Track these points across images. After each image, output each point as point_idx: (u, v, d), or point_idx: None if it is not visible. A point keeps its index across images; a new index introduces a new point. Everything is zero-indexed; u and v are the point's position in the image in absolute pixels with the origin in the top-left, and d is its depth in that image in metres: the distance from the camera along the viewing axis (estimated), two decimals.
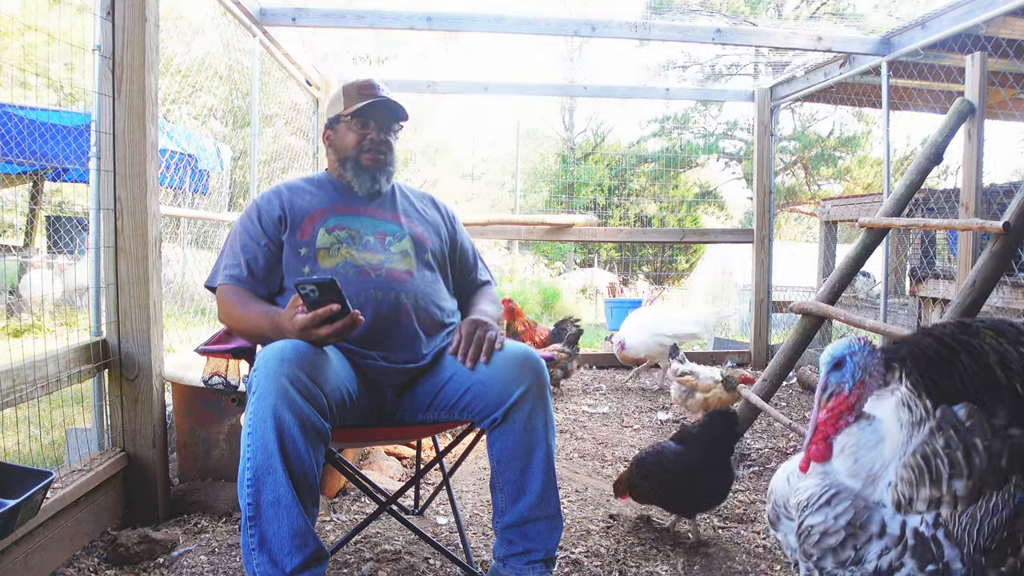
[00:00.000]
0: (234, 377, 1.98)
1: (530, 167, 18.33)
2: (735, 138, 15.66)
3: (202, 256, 4.39)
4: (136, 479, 2.10)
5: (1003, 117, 5.11)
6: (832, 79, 4.19)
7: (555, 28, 3.88)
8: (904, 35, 3.55)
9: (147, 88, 2.03)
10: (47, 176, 6.04)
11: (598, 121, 21.48)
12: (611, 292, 10.91)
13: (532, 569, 1.58)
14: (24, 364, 1.74)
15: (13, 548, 1.60)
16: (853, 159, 13.59)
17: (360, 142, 1.81)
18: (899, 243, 4.65)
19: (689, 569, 1.93)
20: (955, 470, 0.93)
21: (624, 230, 6.54)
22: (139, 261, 2.06)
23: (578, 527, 2.21)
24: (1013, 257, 2.57)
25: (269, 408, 1.37)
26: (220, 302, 1.73)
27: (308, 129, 4.57)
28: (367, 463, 2.67)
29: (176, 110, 4.51)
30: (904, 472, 0.97)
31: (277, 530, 1.37)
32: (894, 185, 3.09)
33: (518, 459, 1.59)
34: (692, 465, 2.02)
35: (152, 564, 1.84)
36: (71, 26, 2.06)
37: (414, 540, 2.06)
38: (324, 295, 1.42)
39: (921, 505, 0.94)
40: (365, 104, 1.77)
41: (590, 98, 19.01)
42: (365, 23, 3.52)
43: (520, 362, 1.61)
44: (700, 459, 2.03)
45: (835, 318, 2.63)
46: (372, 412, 1.71)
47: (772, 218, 4.99)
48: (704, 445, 2.05)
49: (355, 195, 1.85)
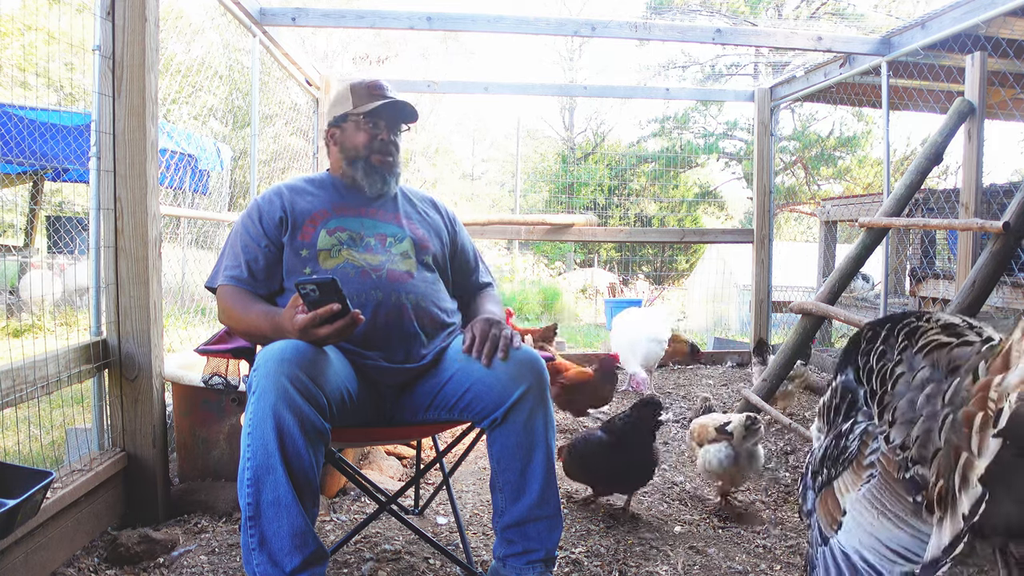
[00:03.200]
0: (234, 377, 1.98)
1: (530, 167, 18.34)
2: (735, 138, 15.67)
3: (202, 256, 4.39)
4: (136, 479, 2.10)
5: (1003, 117, 5.11)
6: (832, 79, 4.19)
7: (555, 28, 3.88)
8: (904, 35, 3.55)
9: (147, 88, 2.03)
10: (47, 176, 6.04)
11: (598, 121, 21.51)
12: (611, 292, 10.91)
13: (532, 569, 1.58)
14: (24, 364, 1.74)
15: (13, 548, 1.60)
16: (853, 159, 13.60)
17: (371, 142, 1.81)
18: (899, 243, 4.66)
19: (689, 569, 1.93)
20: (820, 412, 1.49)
21: (624, 230, 6.55)
22: (139, 261, 2.06)
23: (578, 527, 2.21)
24: (1013, 257, 2.57)
25: (269, 408, 1.37)
26: (220, 302, 1.73)
27: (308, 129, 4.57)
28: (367, 463, 2.67)
29: (176, 110, 4.51)
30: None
31: (277, 530, 1.37)
32: (894, 185, 3.09)
33: (518, 459, 1.59)
34: (614, 450, 2.24)
35: (152, 564, 1.84)
36: (71, 26, 2.06)
37: (414, 540, 2.06)
38: (324, 295, 1.42)
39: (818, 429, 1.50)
40: (379, 104, 1.77)
41: (590, 98, 19.06)
42: (365, 23, 3.52)
43: (520, 362, 1.61)
44: (622, 444, 2.24)
45: (835, 318, 2.63)
46: (372, 412, 1.71)
47: (772, 218, 4.99)
48: (627, 432, 2.26)
49: (357, 196, 1.85)
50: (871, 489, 1.22)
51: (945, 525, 1.07)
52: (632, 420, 2.27)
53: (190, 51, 3.72)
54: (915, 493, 1.15)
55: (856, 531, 1.24)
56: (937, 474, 1.12)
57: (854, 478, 1.28)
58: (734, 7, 14.24)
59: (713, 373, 4.92)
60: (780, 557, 2.00)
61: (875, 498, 1.21)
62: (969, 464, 1.04)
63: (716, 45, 5.93)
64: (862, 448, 1.28)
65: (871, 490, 1.22)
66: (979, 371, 1.13)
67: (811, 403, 3.80)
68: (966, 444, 1.05)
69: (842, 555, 1.25)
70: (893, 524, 1.19)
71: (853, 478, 1.28)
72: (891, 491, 1.19)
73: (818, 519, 1.37)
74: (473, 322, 1.71)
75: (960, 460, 1.06)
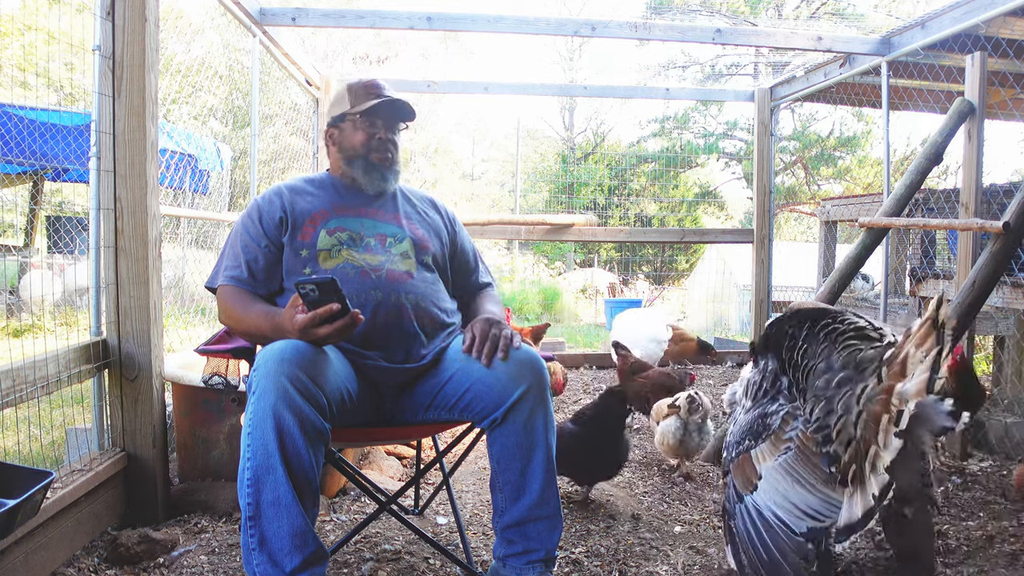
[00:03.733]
0: (234, 377, 1.98)
1: (530, 167, 18.34)
2: (735, 138, 15.66)
3: (202, 256, 4.39)
4: (136, 479, 2.10)
5: (1003, 117, 5.11)
6: (832, 79, 4.19)
7: (555, 28, 3.88)
8: (904, 35, 3.55)
9: (147, 88, 2.03)
10: (47, 176, 6.04)
11: (598, 121, 21.51)
12: (611, 292, 10.91)
13: (532, 569, 1.58)
14: (24, 364, 1.74)
15: (13, 548, 1.60)
16: (853, 159, 13.60)
17: (369, 140, 1.81)
18: (899, 243, 4.65)
19: (689, 569, 1.93)
20: (746, 391, 1.81)
21: (624, 230, 6.55)
22: (139, 261, 2.06)
23: (578, 527, 2.21)
24: (1013, 257, 2.57)
25: (269, 408, 1.37)
26: (220, 303, 1.73)
27: (308, 129, 4.57)
28: (367, 463, 2.67)
29: (176, 110, 4.51)
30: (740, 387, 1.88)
31: (277, 530, 1.37)
32: (894, 185, 3.09)
33: (518, 459, 1.59)
34: (584, 441, 2.31)
35: (152, 564, 1.84)
36: (71, 26, 2.06)
37: (414, 540, 2.06)
38: (324, 295, 1.42)
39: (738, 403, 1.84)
40: (376, 103, 1.78)
41: (590, 98, 19.05)
42: (365, 23, 3.52)
43: (520, 362, 1.61)
44: (591, 436, 2.32)
45: None
46: (372, 412, 1.71)
47: (772, 218, 4.99)
48: (595, 424, 2.34)
49: (357, 196, 1.85)
50: (787, 460, 1.57)
51: (856, 499, 1.42)
52: (600, 411, 2.37)
53: (190, 51, 3.72)
54: (828, 467, 1.48)
55: (771, 492, 1.58)
56: (850, 458, 1.44)
57: (772, 449, 1.60)
58: (734, 7, 14.23)
59: (713, 373, 4.93)
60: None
61: (791, 467, 1.55)
62: (877, 455, 1.38)
63: (716, 45, 5.93)
64: (783, 425, 1.61)
65: (787, 460, 1.57)
66: (882, 374, 1.44)
67: None
68: (874, 439, 1.39)
69: (755, 511, 1.61)
70: (806, 490, 1.53)
71: (771, 449, 1.60)
72: (806, 463, 1.54)
73: (733, 480, 1.69)
74: (473, 322, 1.71)
75: (870, 452, 1.40)
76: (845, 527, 1.45)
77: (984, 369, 5.07)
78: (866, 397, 1.46)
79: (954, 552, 2.00)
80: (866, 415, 1.43)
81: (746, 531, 1.62)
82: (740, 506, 1.66)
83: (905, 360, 1.38)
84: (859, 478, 1.42)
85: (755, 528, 1.60)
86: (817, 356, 1.61)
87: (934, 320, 1.37)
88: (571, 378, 4.46)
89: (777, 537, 1.55)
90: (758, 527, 1.59)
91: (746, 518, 1.62)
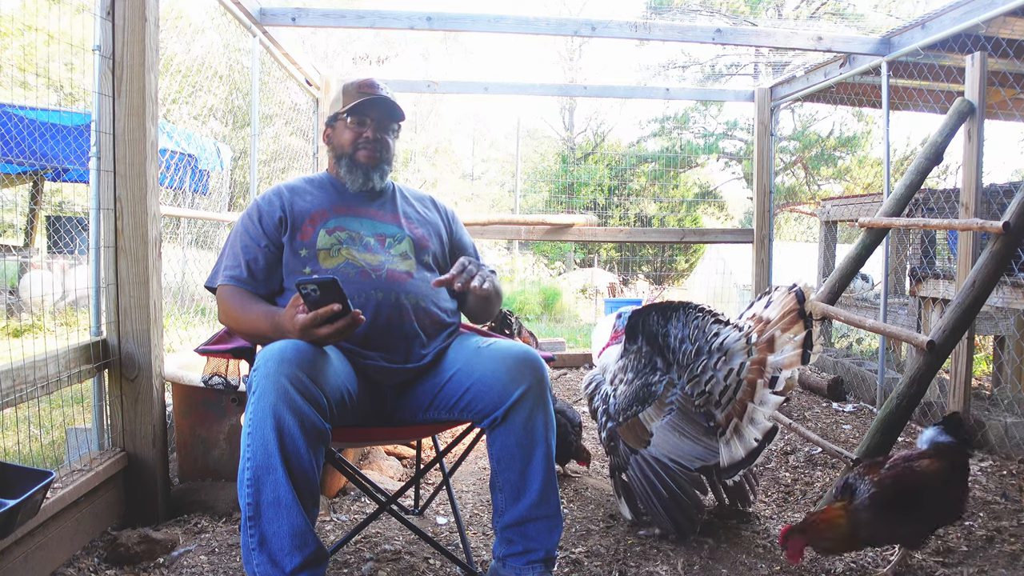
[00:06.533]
0: (234, 377, 1.98)
1: (530, 167, 18.35)
2: (735, 138, 15.65)
3: (202, 256, 4.39)
4: (136, 479, 2.10)
5: (1003, 117, 5.11)
6: (832, 79, 4.18)
7: (555, 28, 3.88)
8: (904, 35, 3.55)
9: (147, 88, 2.03)
10: (47, 176, 6.04)
11: (598, 121, 21.50)
12: (611, 292, 10.91)
13: (532, 569, 1.58)
14: (24, 364, 1.74)
15: (13, 548, 1.60)
16: (853, 159, 13.58)
17: (355, 139, 1.82)
18: (899, 243, 4.65)
19: (689, 569, 1.93)
20: (624, 369, 2.22)
21: (624, 230, 6.54)
22: (139, 261, 2.06)
23: (578, 527, 2.21)
24: (1013, 257, 2.57)
25: (269, 408, 1.37)
26: (220, 303, 1.73)
27: (308, 129, 4.57)
28: (367, 463, 2.67)
29: (176, 110, 4.52)
30: (614, 366, 2.29)
31: (277, 530, 1.37)
32: (894, 185, 3.09)
33: (518, 459, 1.59)
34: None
35: (152, 564, 1.84)
36: (71, 26, 2.06)
37: (414, 540, 2.06)
38: (325, 295, 1.42)
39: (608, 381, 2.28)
40: (359, 102, 1.79)
41: (590, 98, 19.04)
42: (365, 23, 3.52)
43: (520, 362, 1.61)
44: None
45: (835, 318, 2.63)
46: (372, 412, 1.71)
47: (772, 218, 4.98)
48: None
49: (356, 196, 1.85)
50: (672, 419, 2.05)
51: (735, 444, 1.97)
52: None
53: (190, 51, 3.72)
54: (706, 423, 2.03)
55: (663, 445, 2.04)
56: (728, 415, 2.00)
57: (657, 412, 2.07)
58: (734, 7, 14.23)
59: None
60: (780, 557, 2.00)
61: (677, 424, 2.04)
62: (754, 411, 1.96)
63: (716, 45, 5.93)
64: (666, 391, 2.08)
65: (672, 420, 2.05)
66: (751, 350, 2.00)
67: (810, 402, 3.80)
68: (750, 398, 1.97)
69: (652, 459, 2.04)
70: (690, 441, 2.03)
71: (656, 411, 2.07)
72: (689, 420, 2.04)
73: (623, 441, 2.11)
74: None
75: (747, 409, 1.97)
76: (730, 465, 1.96)
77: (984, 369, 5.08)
78: (746, 370, 1.98)
79: (954, 552, 2.00)
80: (745, 383, 1.97)
81: (643, 476, 2.04)
82: (635, 457, 2.06)
83: (772, 340, 1.97)
84: (736, 429, 1.97)
85: (652, 471, 2.02)
86: (686, 340, 2.12)
87: (800, 311, 1.98)
88: (571, 378, 4.45)
89: (675, 475, 2.00)
90: (655, 469, 2.02)
91: (644, 465, 2.04)
